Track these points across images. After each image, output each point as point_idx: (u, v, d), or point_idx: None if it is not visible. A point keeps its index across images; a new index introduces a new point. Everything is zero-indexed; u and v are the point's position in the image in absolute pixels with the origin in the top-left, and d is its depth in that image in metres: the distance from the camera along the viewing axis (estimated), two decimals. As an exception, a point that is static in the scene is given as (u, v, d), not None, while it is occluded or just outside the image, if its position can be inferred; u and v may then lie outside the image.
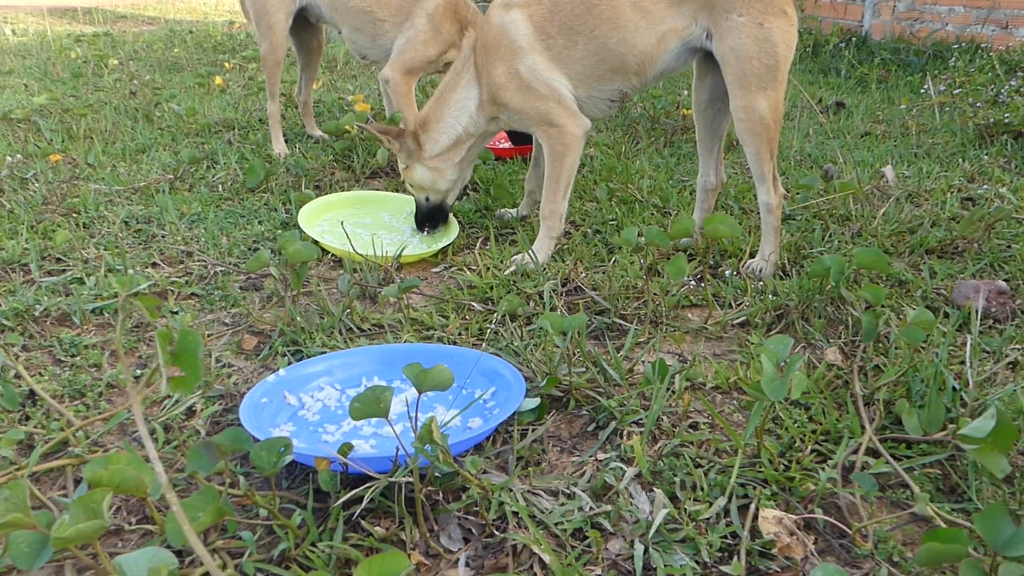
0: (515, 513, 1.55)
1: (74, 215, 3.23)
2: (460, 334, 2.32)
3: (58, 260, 2.79)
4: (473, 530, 1.54)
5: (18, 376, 2.00)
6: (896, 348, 2.14)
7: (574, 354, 2.11)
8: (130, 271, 2.66)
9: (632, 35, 2.67)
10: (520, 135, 4.05)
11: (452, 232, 3.13)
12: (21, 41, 8.48)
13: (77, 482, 1.67)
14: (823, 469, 1.62)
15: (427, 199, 3.06)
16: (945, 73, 5.89)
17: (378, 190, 3.68)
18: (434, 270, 2.88)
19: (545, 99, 2.76)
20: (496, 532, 1.51)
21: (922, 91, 5.58)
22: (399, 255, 2.84)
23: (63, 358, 2.17)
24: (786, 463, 1.70)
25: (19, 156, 3.89)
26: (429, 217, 3.09)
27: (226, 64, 7.03)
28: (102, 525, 1.13)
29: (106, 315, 2.42)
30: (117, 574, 1.21)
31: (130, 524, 1.57)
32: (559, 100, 2.77)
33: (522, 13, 2.75)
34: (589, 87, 2.80)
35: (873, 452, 1.72)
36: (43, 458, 1.71)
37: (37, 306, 2.39)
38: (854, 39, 7.57)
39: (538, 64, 2.74)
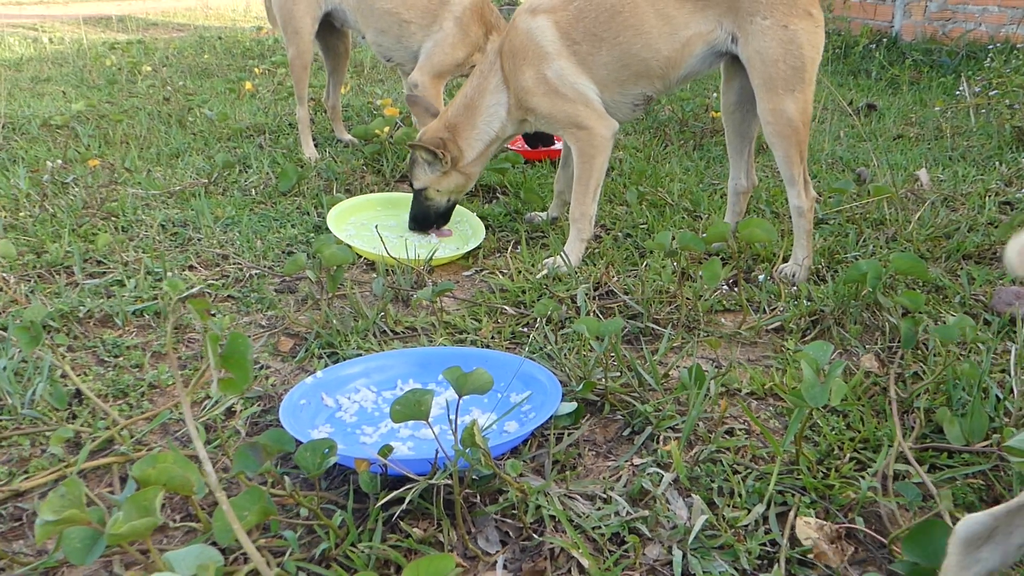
0: (552, 517, 1.56)
1: (113, 218, 3.29)
2: (493, 338, 2.34)
3: (99, 263, 2.85)
4: (510, 533, 1.55)
5: (65, 376, 2.05)
6: (935, 355, 2.11)
7: (609, 358, 2.11)
8: (169, 274, 2.70)
9: (656, 41, 2.69)
10: (534, 137, 4.08)
11: (480, 233, 3.16)
12: (58, 49, 8.66)
13: (123, 479, 1.70)
14: (863, 477, 1.61)
15: (449, 200, 3.11)
16: (980, 74, 5.80)
17: (406, 193, 3.71)
18: (465, 273, 2.90)
19: (573, 102, 2.78)
20: (534, 535, 1.52)
21: (956, 93, 5.50)
22: (431, 258, 2.86)
23: (106, 358, 2.22)
24: (824, 471, 1.69)
25: (59, 161, 3.97)
26: (443, 217, 3.15)
27: (255, 69, 7.11)
28: (154, 522, 1.15)
29: (146, 317, 2.46)
30: (166, 569, 1.23)
31: (174, 521, 1.60)
32: (586, 103, 2.79)
33: (548, 19, 2.77)
34: (613, 91, 2.82)
35: (914, 460, 1.70)
36: (90, 456, 1.75)
37: (81, 308, 2.44)
38: (884, 40, 7.48)
39: (565, 69, 2.76)
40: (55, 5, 14.53)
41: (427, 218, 3.12)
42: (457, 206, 3.29)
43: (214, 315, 2.48)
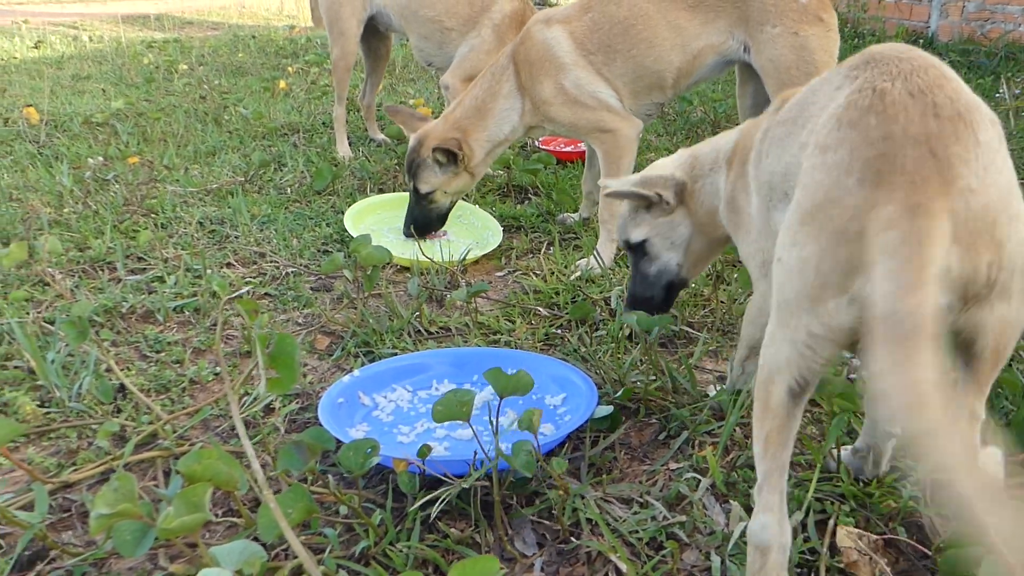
0: (589, 520, 1.56)
1: (153, 215, 3.35)
2: (527, 339, 2.34)
3: (140, 259, 2.91)
4: (547, 535, 1.56)
5: (109, 370, 2.09)
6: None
7: (643, 361, 2.11)
8: (208, 271, 2.75)
9: (668, 53, 2.72)
10: None
11: (489, 222, 3.22)
12: (97, 48, 8.83)
13: (166, 474, 1.74)
14: (904, 486, 1.59)
15: (451, 203, 3.11)
16: (1020, 76, 5.68)
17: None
18: (498, 274, 2.91)
19: (593, 109, 2.80)
20: (571, 538, 1.53)
21: (996, 95, 5.40)
22: (463, 259, 2.88)
23: (148, 354, 2.26)
24: (865, 478, 1.67)
25: (100, 158, 4.06)
26: (440, 220, 3.12)
27: (289, 68, 7.19)
28: (204, 518, 1.18)
29: (186, 313, 2.51)
30: (212, 564, 1.26)
31: (216, 516, 1.63)
32: (608, 108, 2.81)
33: (563, 29, 2.79)
34: (627, 101, 2.85)
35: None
36: (135, 449, 1.79)
37: (124, 303, 2.50)
38: (920, 41, 7.36)
39: (582, 78, 2.78)
40: (94, 3, 14.81)
41: (429, 222, 3.09)
42: (459, 202, 3.32)
43: (266, 313, 2.51)
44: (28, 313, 2.45)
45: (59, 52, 8.40)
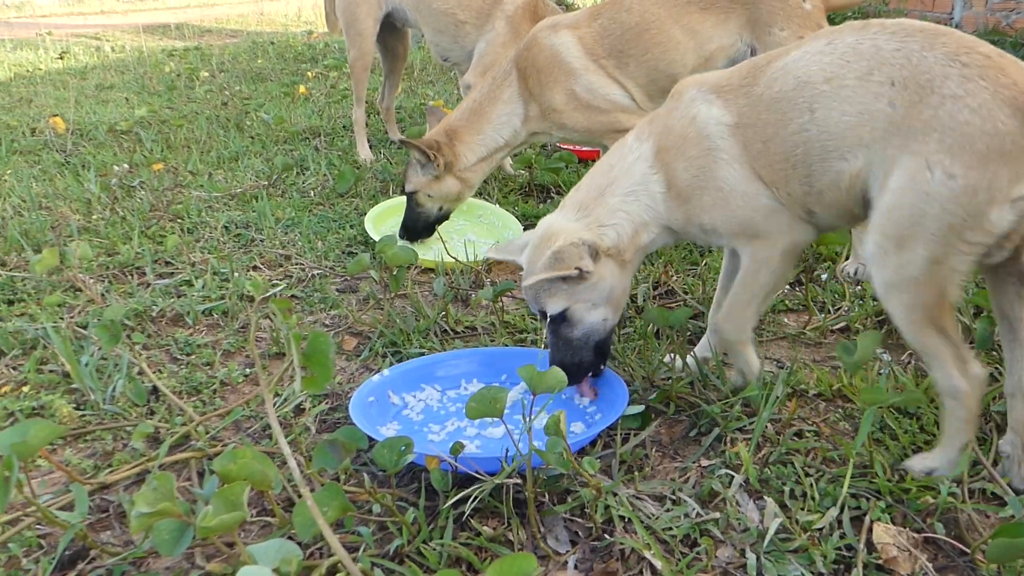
0: (622, 517, 1.55)
1: (179, 220, 3.39)
2: (553, 337, 2.34)
3: (167, 263, 2.94)
4: (580, 533, 1.55)
5: (141, 373, 2.12)
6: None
7: (671, 356, 2.10)
8: (235, 275, 2.77)
9: (683, 56, 2.71)
10: None
11: (511, 223, 3.23)
12: (119, 57, 8.95)
13: (200, 474, 1.75)
14: (942, 482, 1.57)
15: (440, 209, 3.03)
16: (1047, 67, 5.59)
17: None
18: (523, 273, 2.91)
19: (608, 112, 2.79)
20: (604, 536, 1.52)
21: None
22: (488, 258, 2.88)
23: (179, 356, 2.29)
24: (900, 474, 1.65)
25: (126, 165, 4.11)
26: (429, 227, 3.05)
27: (308, 73, 7.24)
28: (243, 516, 1.19)
29: (215, 316, 2.53)
30: (250, 562, 1.27)
31: (250, 516, 1.64)
32: (621, 108, 2.79)
33: (572, 35, 2.76)
34: (640, 103, 2.82)
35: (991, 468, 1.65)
36: (168, 450, 1.81)
37: (154, 307, 2.53)
38: (944, 33, 7.27)
39: (594, 82, 2.76)
40: (115, 15, 15.01)
41: (415, 225, 3.03)
42: (478, 200, 3.28)
43: (294, 314, 2.53)
44: (62, 318, 2.48)
45: (83, 63, 8.52)
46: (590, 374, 1.91)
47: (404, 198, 3.43)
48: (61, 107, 5.80)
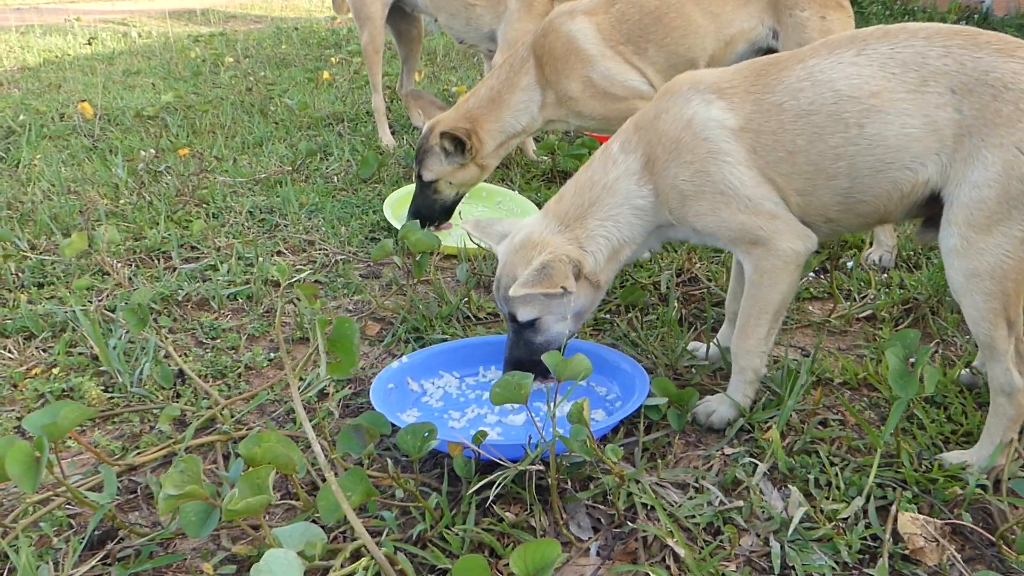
0: (644, 504, 1.55)
1: (204, 205, 3.42)
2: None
3: (193, 248, 2.97)
4: (602, 520, 1.55)
5: (168, 356, 2.15)
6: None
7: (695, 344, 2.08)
8: (259, 259, 2.79)
9: (703, 40, 2.66)
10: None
11: (531, 209, 3.20)
12: (146, 43, 9.02)
13: (226, 457, 1.77)
14: (972, 472, 1.54)
15: (457, 194, 2.99)
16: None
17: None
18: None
19: (625, 99, 2.73)
20: (627, 523, 1.52)
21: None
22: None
23: (204, 340, 2.31)
24: (927, 464, 1.63)
25: (152, 151, 4.15)
26: (447, 212, 3.01)
27: (332, 59, 7.25)
28: (268, 499, 1.20)
29: (240, 300, 2.55)
30: (275, 544, 1.28)
31: (275, 499, 1.65)
32: (640, 95, 2.73)
33: (588, 21, 2.71)
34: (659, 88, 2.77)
35: (1024, 456, 1.62)
36: (195, 433, 1.83)
37: (180, 291, 2.56)
38: (975, 16, 7.10)
39: (611, 68, 2.70)
40: (142, 0, 15.12)
41: (432, 212, 2.98)
42: (498, 187, 3.24)
43: (300, 300, 2.55)
44: (90, 301, 2.52)
45: (110, 48, 8.60)
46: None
47: None
48: (89, 92, 5.86)
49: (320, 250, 2.96)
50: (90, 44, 8.83)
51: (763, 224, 1.69)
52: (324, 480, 1.34)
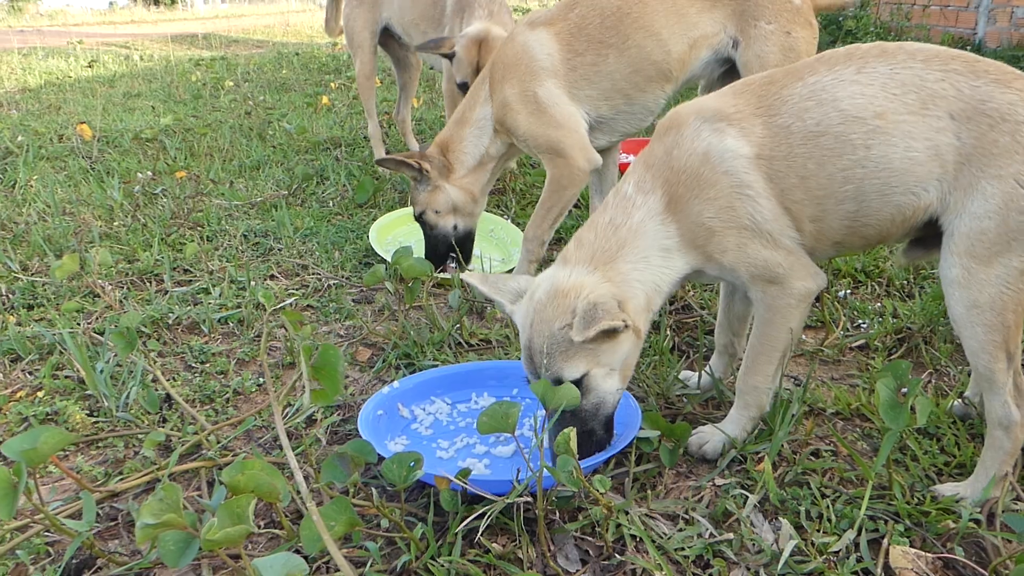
0: (633, 536, 1.53)
1: (199, 228, 3.42)
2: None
3: (186, 271, 2.96)
4: (590, 552, 1.53)
5: (155, 380, 2.13)
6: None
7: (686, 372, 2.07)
8: (252, 283, 2.79)
9: (668, 40, 2.53)
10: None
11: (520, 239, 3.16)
12: (147, 66, 9.10)
13: (210, 484, 1.75)
14: (963, 506, 1.53)
15: (455, 227, 2.88)
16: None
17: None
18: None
19: (559, 127, 2.57)
20: (615, 555, 1.50)
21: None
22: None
23: (194, 364, 2.30)
24: (919, 497, 1.61)
25: (149, 173, 4.16)
26: (461, 245, 2.89)
27: (331, 84, 7.31)
28: (247, 530, 1.18)
29: (231, 324, 2.54)
30: (255, 576, 1.26)
31: (259, 528, 1.63)
32: (574, 129, 2.58)
33: (548, 31, 2.58)
34: (618, 103, 2.62)
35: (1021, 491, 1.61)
36: (179, 459, 1.81)
37: (170, 314, 2.54)
38: (968, 48, 7.18)
39: (558, 91, 2.56)
40: (145, 24, 15.28)
41: (437, 250, 2.89)
42: (491, 214, 3.17)
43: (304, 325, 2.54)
44: (79, 324, 2.50)
45: (111, 71, 8.67)
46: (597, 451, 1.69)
47: (407, 210, 3.24)
48: (89, 114, 5.89)
49: (313, 274, 2.95)
50: (91, 67, 8.90)
51: (782, 261, 1.64)
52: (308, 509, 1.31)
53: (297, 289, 2.83)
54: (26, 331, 2.43)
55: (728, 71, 2.68)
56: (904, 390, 1.52)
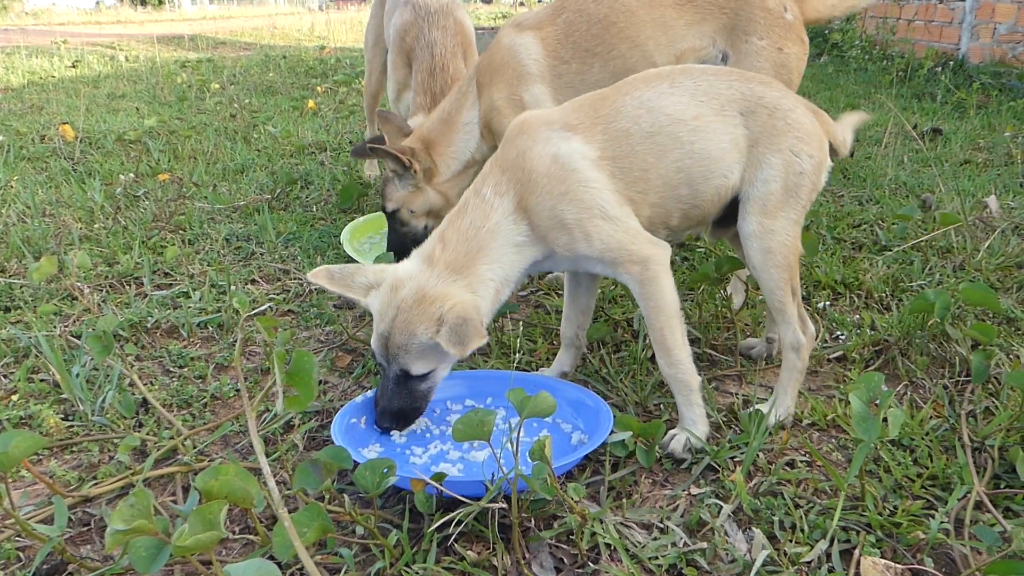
0: (608, 545, 1.54)
1: (180, 231, 3.40)
2: (548, 359, 2.33)
3: (166, 275, 2.95)
4: (565, 560, 1.53)
5: (132, 384, 2.11)
6: (1010, 390, 2.03)
7: (664, 384, 2.08)
8: (232, 287, 2.77)
9: (653, 52, 2.54)
10: None
11: None
12: (133, 67, 9.04)
13: (186, 489, 1.74)
14: (932, 516, 1.55)
15: (426, 227, 2.83)
16: (1054, 99, 5.59)
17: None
18: (521, 294, 2.90)
19: None
20: (589, 563, 1.50)
21: (1029, 118, 5.31)
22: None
23: (172, 368, 2.28)
24: (891, 508, 1.63)
25: (132, 175, 4.13)
26: (417, 245, 2.87)
27: (318, 88, 7.30)
28: (219, 536, 1.18)
29: (210, 329, 2.53)
30: (227, 583, 1.25)
31: (233, 533, 1.63)
32: None
33: (535, 36, 2.58)
34: None
35: (991, 504, 1.63)
36: (154, 464, 1.79)
37: (149, 318, 2.53)
38: (951, 63, 7.28)
39: (544, 95, 2.58)
40: (132, 24, 15.20)
41: (404, 247, 2.71)
42: None
43: (281, 331, 2.53)
44: (55, 327, 2.48)
45: (96, 71, 8.61)
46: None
47: (380, 213, 3.14)
48: (72, 115, 5.85)
49: (295, 279, 2.95)
50: (75, 67, 8.83)
51: (632, 239, 1.85)
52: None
53: (278, 294, 2.82)
54: (1, 333, 2.41)
55: None
56: (877, 402, 1.54)
